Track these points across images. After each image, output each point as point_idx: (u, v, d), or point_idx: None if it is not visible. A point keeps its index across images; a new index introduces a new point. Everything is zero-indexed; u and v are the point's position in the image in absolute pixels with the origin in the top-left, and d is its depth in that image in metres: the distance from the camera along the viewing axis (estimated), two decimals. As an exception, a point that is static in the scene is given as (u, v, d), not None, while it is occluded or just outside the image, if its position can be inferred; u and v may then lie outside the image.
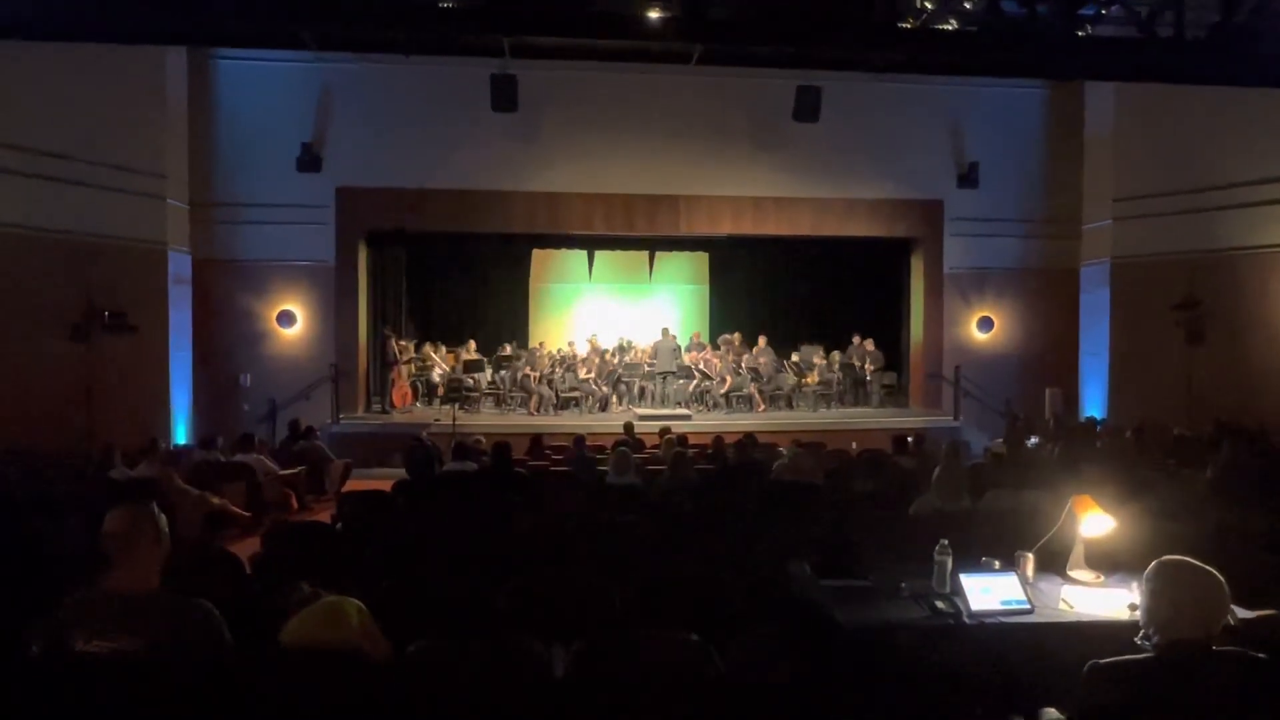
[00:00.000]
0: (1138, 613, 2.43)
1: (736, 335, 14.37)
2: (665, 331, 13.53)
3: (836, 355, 14.13)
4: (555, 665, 2.73)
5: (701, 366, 13.50)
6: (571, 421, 12.09)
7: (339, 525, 5.36)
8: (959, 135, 13.73)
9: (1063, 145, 13.73)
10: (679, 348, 13.64)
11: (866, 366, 13.91)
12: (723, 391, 13.18)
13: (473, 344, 14.00)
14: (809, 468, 6.58)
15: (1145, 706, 2.22)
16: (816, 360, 13.99)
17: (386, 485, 6.38)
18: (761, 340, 14.02)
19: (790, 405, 13.77)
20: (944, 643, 3.00)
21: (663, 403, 13.26)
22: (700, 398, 13.44)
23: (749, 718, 2.61)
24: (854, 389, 13.97)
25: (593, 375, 13.18)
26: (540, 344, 14.03)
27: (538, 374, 13.01)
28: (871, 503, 5.41)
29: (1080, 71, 11.75)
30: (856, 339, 14.16)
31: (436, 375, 13.70)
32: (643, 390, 13.64)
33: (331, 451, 10.10)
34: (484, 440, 9.03)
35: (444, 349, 14.29)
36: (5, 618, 2.69)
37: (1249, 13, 8.84)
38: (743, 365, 13.51)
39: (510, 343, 14.38)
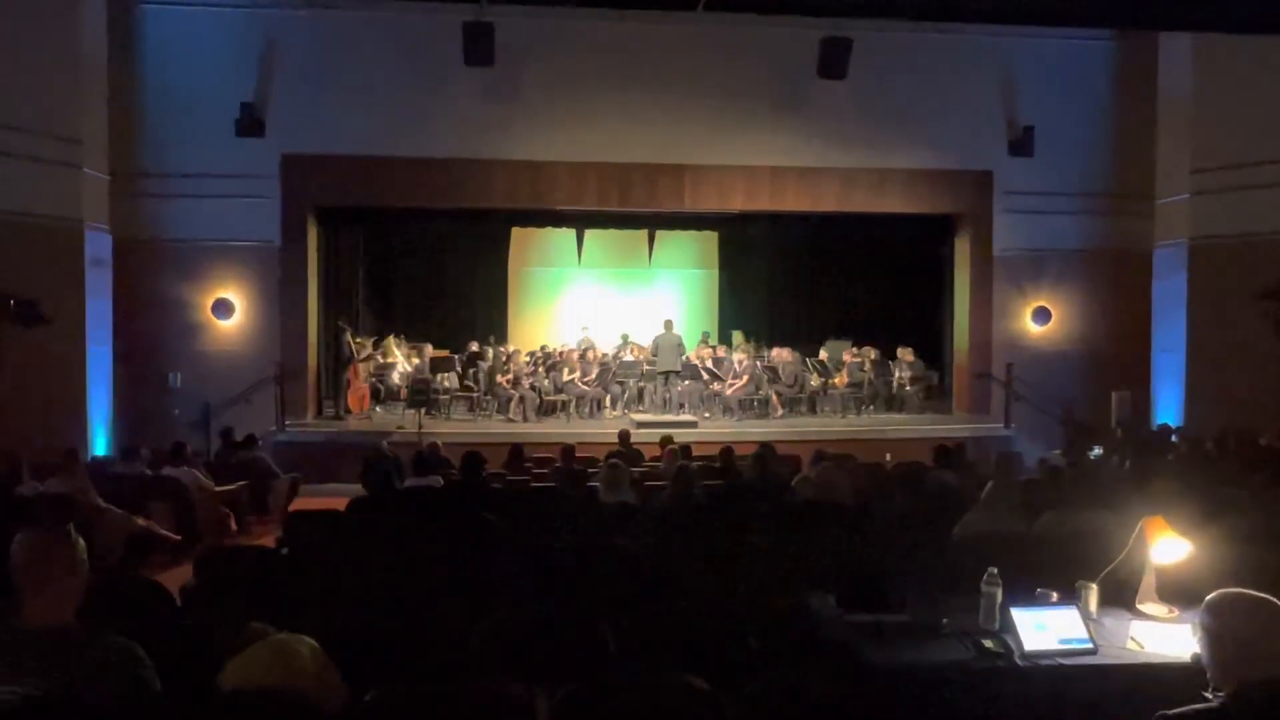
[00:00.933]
0: (1201, 661, 2.45)
1: (750, 346, 14.34)
2: (667, 324, 13.54)
3: (869, 351, 14.14)
4: (538, 714, 2.73)
5: (709, 363, 13.51)
6: (557, 429, 12.11)
7: (285, 550, 5.38)
8: (1011, 95, 13.73)
9: (1133, 107, 13.73)
10: (683, 343, 13.63)
11: (903, 375, 13.93)
12: (732, 391, 13.19)
13: (429, 346, 13.98)
14: (835, 483, 6.59)
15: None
16: (846, 358, 14.00)
17: (341, 504, 6.39)
18: (781, 353, 13.95)
19: (813, 410, 13.78)
20: (992, 687, 3.01)
21: (664, 407, 13.27)
22: (708, 401, 13.45)
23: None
24: (887, 392, 13.99)
25: (577, 375, 13.19)
26: (515, 348, 13.99)
27: (509, 377, 13.02)
28: (908, 524, 5.42)
29: (1152, 20, 11.75)
30: (902, 352, 14.14)
31: (399, 375, 13.69)
32: (641, 392, 13.64)
33: (276, 464, 10.09)
34: (440, 446, 9.03)
35: (407, 344, 14.29)
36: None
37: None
38: (758, 363, 13.53)
39: (488, 338, 14.38)
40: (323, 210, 13.42)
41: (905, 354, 14.05)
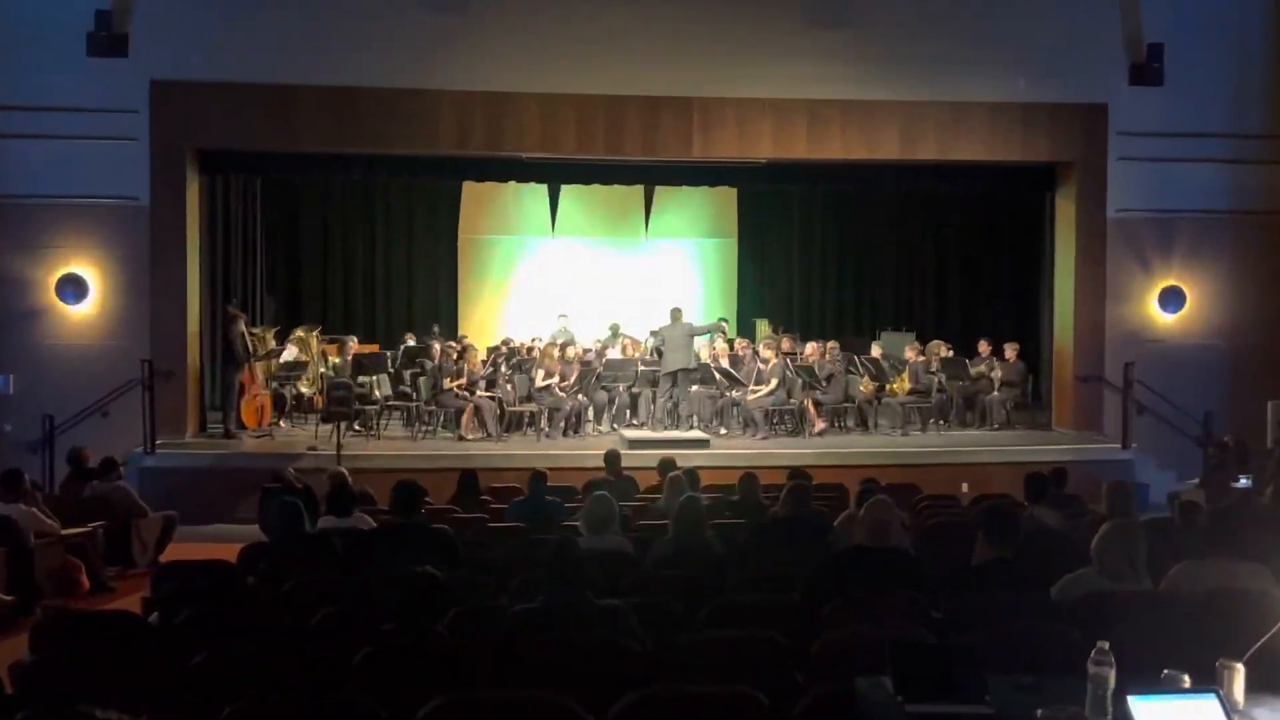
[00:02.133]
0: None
1: (785, 339, 14.32)
2: (674, 314, 13.52)
3: (939, 347, 14.14)
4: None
5: (725, 362, 13.51)
6: (524, 450, 12.15)
7: (154, 615, 5.36)
8: (1133, 2, 13.73)
9: (1293, 20, 13.78)
10: (695, 332, 13.57)
11: (995, 374, 13.91)
12: (754, 399, 13.15)
13: (353, 340, 13.97)
14: (892, 524, 6.57)
15: None
16: (909, 355, 14.01)
17: (231, 551, 6.40)
18: (820, 349, 13.95)
19: (864, 425, 13.80)
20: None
21: (667, 421, 13.29)
22: (723, 413, 13.43)
23: None
24: (962, 402, 14.01)
25: (554, 380, 13.19)
26: (468, 342, 13.98)
27: (461, 381, 13.00)
28: (991, 581, 5.42)
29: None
30: (984, 347, 14.14)
31: (309, 380, 13.67)
32: (635, 401, 13.64)
33: (143, 499, 10.08)
34: (348, 475, 8.98)
35: (323, 337, 14.27)
36: None
37: None
38: (789, 362, 13.54)
39: (432, 329, 14.37)
40: (207, 155, 13.39)
41: (1010, 351, 13.99)
